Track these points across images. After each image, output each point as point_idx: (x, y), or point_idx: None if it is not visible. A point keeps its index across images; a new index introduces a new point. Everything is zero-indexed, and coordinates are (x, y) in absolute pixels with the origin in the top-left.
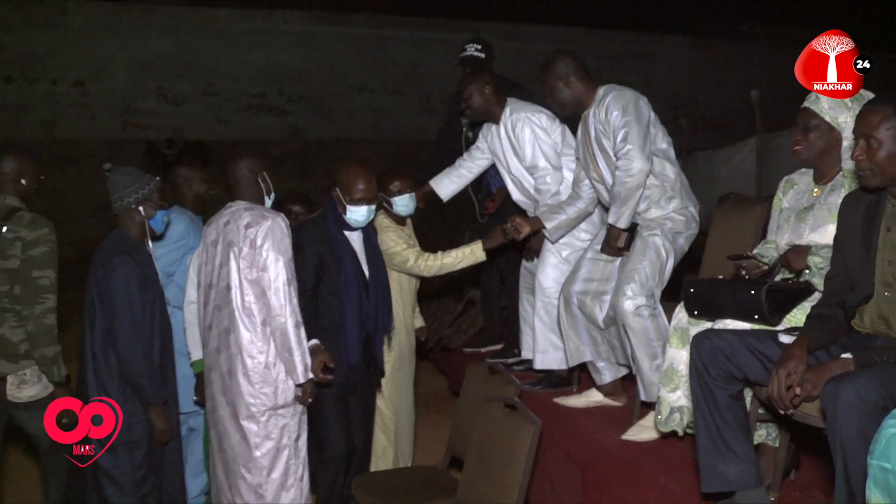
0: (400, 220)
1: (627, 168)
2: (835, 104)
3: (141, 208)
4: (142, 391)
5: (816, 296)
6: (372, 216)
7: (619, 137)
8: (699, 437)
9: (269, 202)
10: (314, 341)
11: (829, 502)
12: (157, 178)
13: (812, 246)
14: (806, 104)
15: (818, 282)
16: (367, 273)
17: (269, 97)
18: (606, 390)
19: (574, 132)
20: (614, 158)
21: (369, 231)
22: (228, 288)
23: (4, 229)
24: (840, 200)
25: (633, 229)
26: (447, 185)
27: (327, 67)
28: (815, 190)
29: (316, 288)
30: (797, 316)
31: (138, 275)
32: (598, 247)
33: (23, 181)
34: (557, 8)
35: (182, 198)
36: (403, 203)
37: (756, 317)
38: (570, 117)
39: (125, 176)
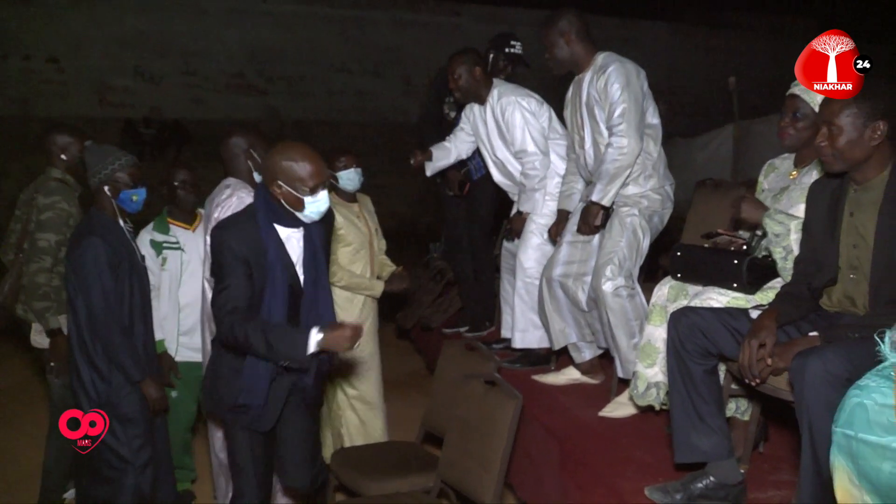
0: (350, 198)
1: (620, 146)
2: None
3: (106, 188)
4: (124, 369)
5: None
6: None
7: (617, 112)
8: (674, 410)
9: (259, 178)
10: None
11: (796, 473)
12: (131, 156)
13: (771, 209)
14: (796, 91)
15: (775, 251)
16: (301, 283)
17: (248, 77)
18: (584, 368)
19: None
20: (603, 128)
21: (314, 229)
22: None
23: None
24: (812, 181)
25: (608, 208)
26: (431, 163)
27: (307, 48)
28: (793, 173)
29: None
30: (769, 295)
31: (108, 255)
32: (574, 228)
33: (63, 156)
34: None
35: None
36: (349, 177)
37: (735, 285)
38: (563, 76)
39: (95, 154)
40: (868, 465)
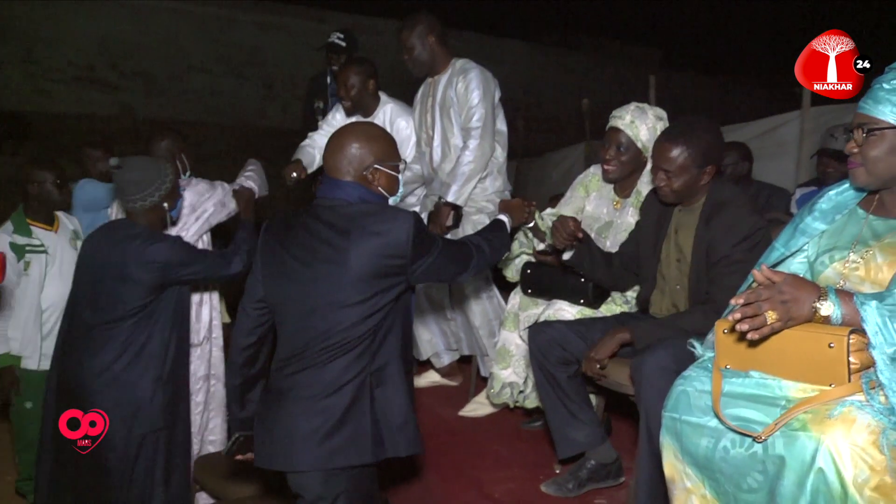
0: None
1: (474, 149)
2: (650, 133)
3: (165, 204)
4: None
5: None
6: None
7: (476, 117)
8: (548, 412)
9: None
10: None
11: (633, 459)
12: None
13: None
14: (619, 126)
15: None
16: None
17: (99, 70)
18: (444, 372)
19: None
20: (456, 130)
21: None
22: None
23: None
24: (631, 219)
25: (459, 208)
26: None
27: (164, 44)
28: (616, 202)
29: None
30: (612, 308)
31: None
32: None
33: None
34: (401, 3)
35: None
36: None
37: (582, 301)
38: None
39: (144, 171)
40: (689, 441)
